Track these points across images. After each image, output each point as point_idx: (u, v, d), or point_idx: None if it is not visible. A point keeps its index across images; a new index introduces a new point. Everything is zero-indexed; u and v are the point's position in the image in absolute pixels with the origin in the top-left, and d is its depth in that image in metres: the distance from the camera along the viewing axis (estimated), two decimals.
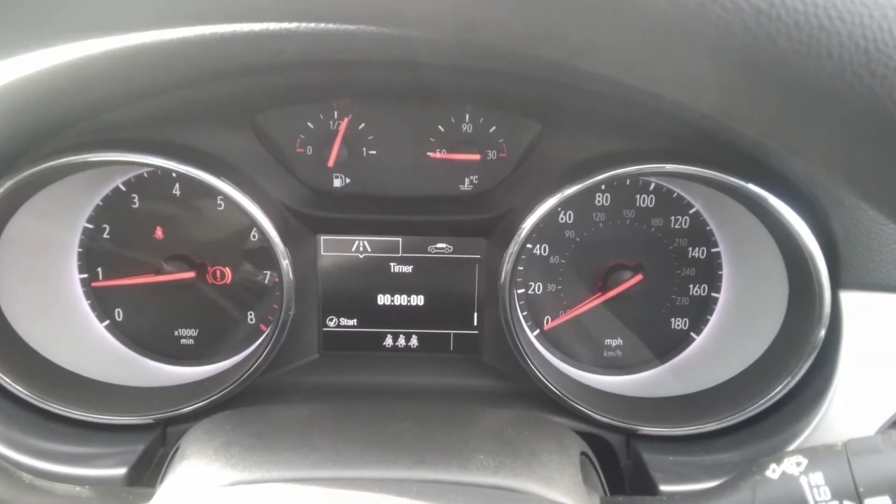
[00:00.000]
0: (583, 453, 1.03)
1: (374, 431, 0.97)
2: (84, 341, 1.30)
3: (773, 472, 0.79)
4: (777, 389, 1.10)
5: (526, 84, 1.07)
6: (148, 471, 1.14)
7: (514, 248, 1.17)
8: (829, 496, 0.76)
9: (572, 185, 1.14)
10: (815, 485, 0.77)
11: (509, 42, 0.43)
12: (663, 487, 1.07)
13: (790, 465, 0.79)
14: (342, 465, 0.87)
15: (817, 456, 0.78)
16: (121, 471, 1.09)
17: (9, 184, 1.06)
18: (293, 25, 0.89)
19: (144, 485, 1.10)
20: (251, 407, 1.10)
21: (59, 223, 1.27)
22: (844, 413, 1.05)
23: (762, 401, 1.11)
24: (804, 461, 0.78)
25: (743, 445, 1.11)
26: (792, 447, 1.05)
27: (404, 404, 1.15)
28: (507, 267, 1.18)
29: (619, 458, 1.21)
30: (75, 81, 0.98)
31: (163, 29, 0.68)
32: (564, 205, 1.26)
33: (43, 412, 1.15)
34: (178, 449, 1.00)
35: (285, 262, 1.18)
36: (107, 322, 1.34)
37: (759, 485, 0.79)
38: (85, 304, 1.32)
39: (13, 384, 1.12)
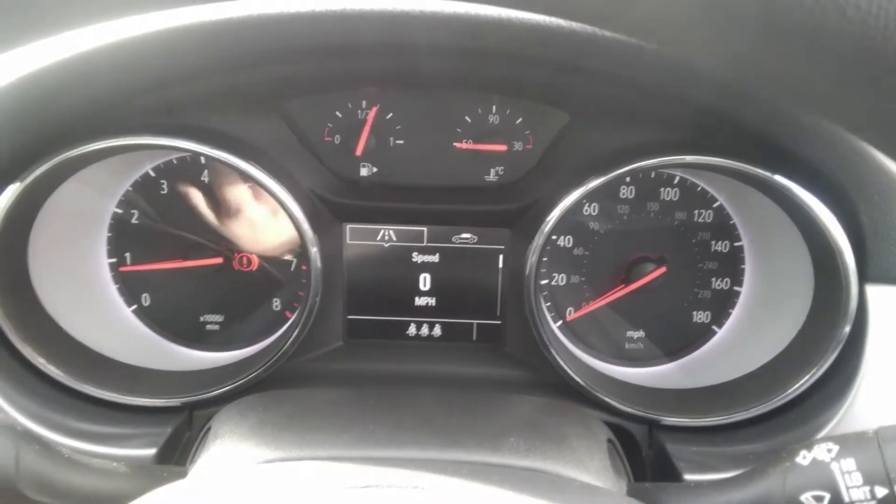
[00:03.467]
0: (609, 440, 1.04)
1: (405, 414, 0.99)
2: (112, 325, 1.32)
3: (803, 458, 0.80)
4: (802, 381, 1.10)
5: (558, 73, 1.08)
6: (176, 452, 1.15)
7: (539, 240, 1.18)
8: (860, 482, 0.77)
9: (598, 177, 1.15)
10: (847, 471, 0.77)
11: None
12: (687, 476, 1.08)
13: (821, 451, 0.80)
14: (375, 445, 0.88)
15: (848, 443, 0.79)
16: (150, 451, 1.10)
17: (44, 167, 1.07)
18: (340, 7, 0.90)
19: (170, 464, 1.12)
20: (281, 390, 1.12)
21: (89, 208, 1.28)
22: (869, 405, 1.05)
23: (787, 392, 1.12)
24: (835, 448, 0.79)
25: (767, 436, 1.12)
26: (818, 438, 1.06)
27: (431, 391, 1.16)
28: (532, 259, 1.19)
29: (640, 448, 1.22)
30: (111, 64, 0.99)
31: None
32: (589, 197, 1.27)
33: (73, 393, 1.16)
34: (209, 429, 1.01)
35: (314, 250, 1.19)
36: (134, 307, 1.35)
37: (789, 471, 0.80)
38: (113, 289, 1.33)
39: (47, 365, 1.13)
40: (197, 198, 1.30)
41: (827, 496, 0.77)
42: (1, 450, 0.76)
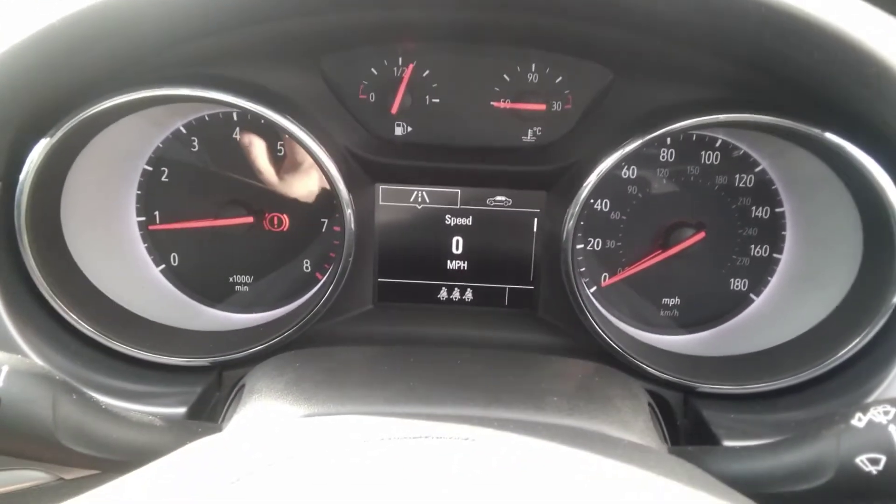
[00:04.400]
0: (648, 404, 1.02)
1: (445, 371, 0.97)
2: (142, 284, 1.31)
3: (858, 420, 0.78)
4: (849, 347, 1.08)
5: (601, 24, 1.04)
6: (205, 412, 1.14)
7: (576, 205, 1.16)
8: None
9: (638, 138, 1.12)
10: None
11: None
12: (726, 443, 1.05)
13: (877, 413, 0.77)
14: (416, 401, 0.86)
15: None
16: (180, 409, 1.09)
17: (74, 121, 1.05)
18: None
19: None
20: (316, 348, 1.10)
21: (119, 164, 1.26)
22: None
23: (833, 359, 1.09)
24: (892, 410, 0.77)
25: (808, 404, 1.10)
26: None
27: (468, 350, 1.14)
28: (569, 224, 1.17)
29: (675, 415, 1.20)
30: (142, 13, 0.96)
31: None
32: (628, 160, 1.24)
33: (104, 350, 1.15)
34: (243, 386, 1.00)
35: (348, 211, 1.17)
36: (162, 266, 1.34)
37: (843, 433, 0.78)
38: (142, 248, 1.32)
39: (78, 320, 1.12)
40: (228, 155, 1.28)
41: (883, 458, 0.75)
42: (39, 398, 0.74)
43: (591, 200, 1.27)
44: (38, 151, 1.05)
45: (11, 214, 1.05)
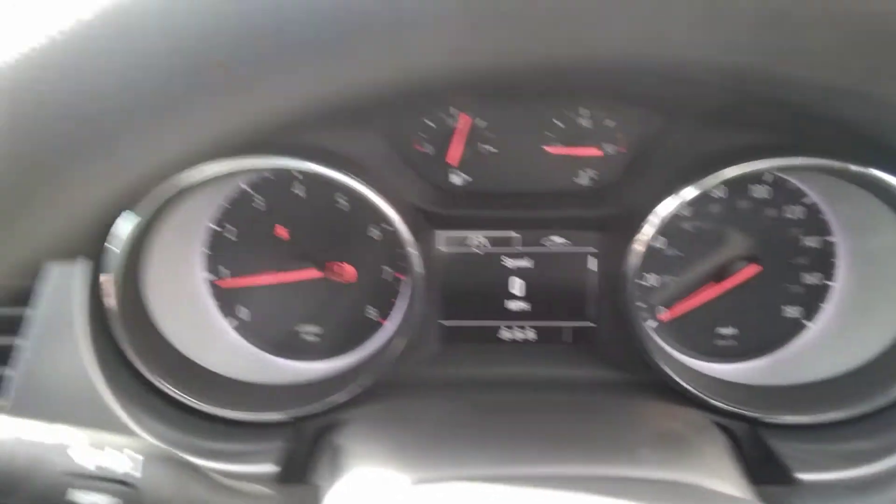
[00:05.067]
0: (726, 444, 1.06)
1: (532, 425, 1.01)
2: (215, 341, 1.34)
3: None
4: None
5: (660, 81, 1.08)
6: (296, 468, 1.17)
7: (639, 246, 1.19)
8: None
9: (695, 183, 1.15)
10: None
11: None
12: (799, 475, 1.09)
13: None
14: (518, 462, 0.90)
15: None
16: (271, 467, 1.12)
17: (168, 193, 1.08)
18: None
19: (294, 481, 1.14)
20: (397, 401, 1.14)
21: (188, 226, 1.30)
22: None
23: None
24: None
25: (878, 433, 1.13)
26: None
27: (540, 397, 1.18)
28: (632, 263, 1.20)
29: (742, 447, 1.23)
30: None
31: None
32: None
33: (190, 411, 1.18)
34: (337, 445, 1.03)
35: (416, 257, 1.21)
36: (232, 321, 1.37)
37: None
38: (212, 304, 1.36)
39: (170, 386, 1.15)
40: (291, 210, 1.32)
41: None
42: (173, 484, 0.77)
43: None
44: (127, 226, 1.07)
45: (99, 291, 1.08)
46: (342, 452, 0.99)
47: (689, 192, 1.16)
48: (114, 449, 0.75)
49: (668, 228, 1.32)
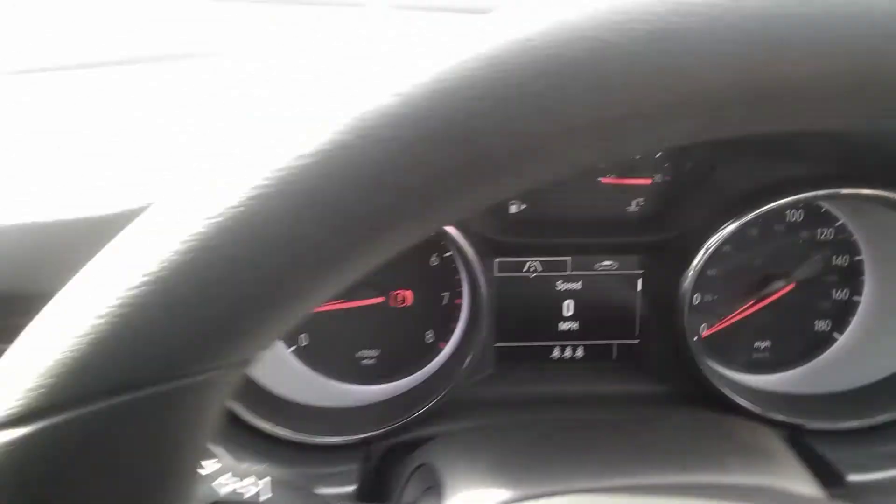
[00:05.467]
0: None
1: (614, 438, 1.07)
2: (281, 367, 1.38)
3: None
4: None
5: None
6: (368, 488, 1.22)
7: (692, 272, 1.28)
8: None
9: (742, 214, 1.25)
10: None
11: None
12: (851, 477, 1.18)
13: None
14: (618, 473, 0.97)
15: None
16: (349, 489, 1.17)
17: None
18: None
19: (374, 501, 1.19)
20: (481, 424, 1.19)
21: None
22: None
23: None
24: None
25: None
26: None
27: (596, 411, 1.25)
28: (684, 286, 1.29)
29: None
30: None
31: None
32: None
33: (272, 439, 1.22)
34: (423, 466, 1.09)
35: (482, 283, 1.27)
36: (293, 347, 1.42)
37: None
38: None
39: (256, 416, 1.19)
40: None
41: None
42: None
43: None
44: None
45: None
46: (430, 472, 1.04)
47: (739, 223, 1.25)
48: (240, 474, 0.80)
49: (711, 250, 1.41)
